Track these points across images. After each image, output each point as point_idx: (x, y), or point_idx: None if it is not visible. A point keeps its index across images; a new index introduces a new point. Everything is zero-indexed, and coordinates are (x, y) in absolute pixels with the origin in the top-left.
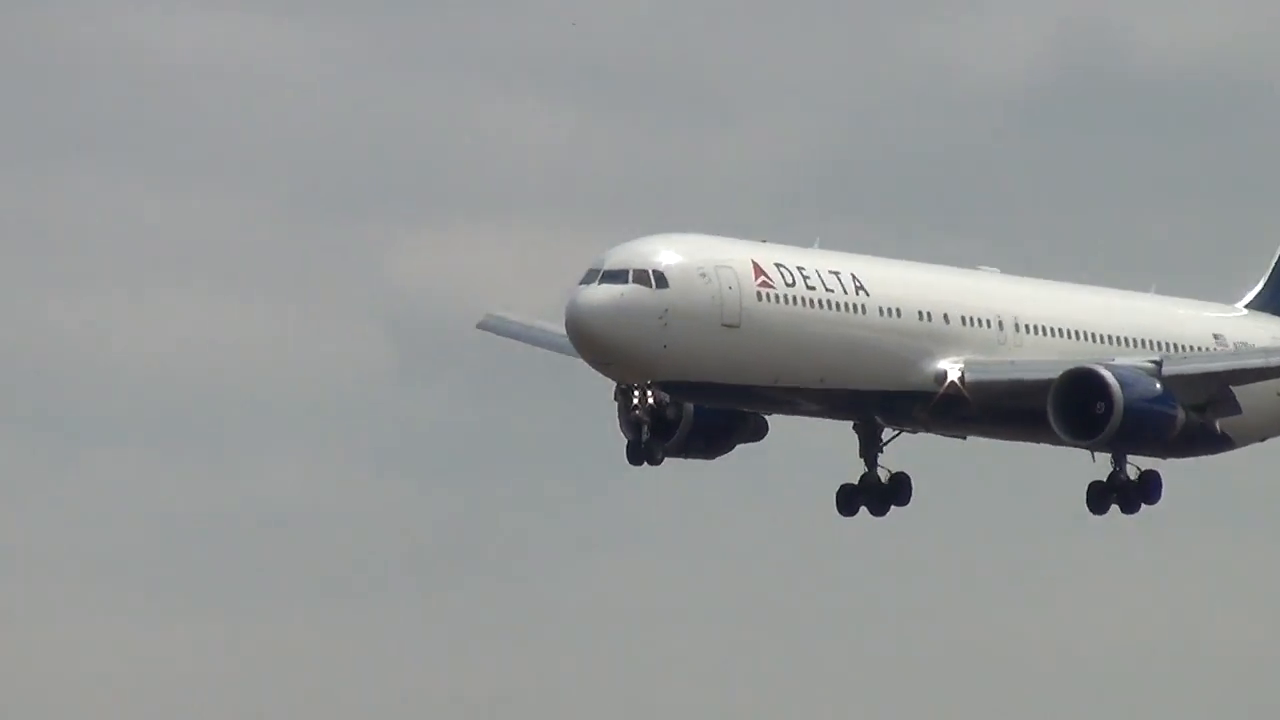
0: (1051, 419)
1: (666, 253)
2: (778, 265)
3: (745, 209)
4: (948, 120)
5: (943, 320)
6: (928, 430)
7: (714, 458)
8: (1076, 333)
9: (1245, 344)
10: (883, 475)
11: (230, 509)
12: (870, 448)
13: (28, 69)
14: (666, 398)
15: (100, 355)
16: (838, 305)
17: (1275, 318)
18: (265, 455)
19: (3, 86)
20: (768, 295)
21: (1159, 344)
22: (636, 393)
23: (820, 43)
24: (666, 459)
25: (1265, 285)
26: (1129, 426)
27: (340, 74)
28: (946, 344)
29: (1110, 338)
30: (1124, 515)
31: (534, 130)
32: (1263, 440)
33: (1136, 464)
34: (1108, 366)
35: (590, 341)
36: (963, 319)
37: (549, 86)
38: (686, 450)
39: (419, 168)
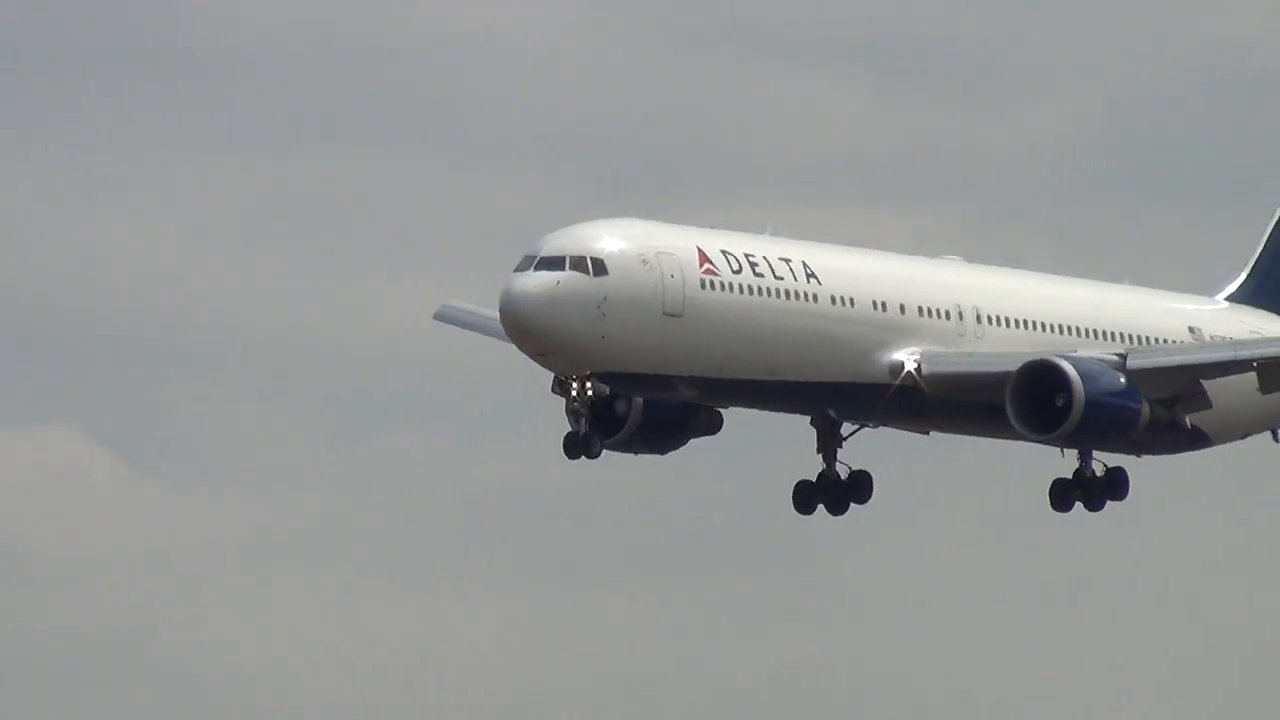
0: (1009, 413)
1: (606, 238)
2: (724, 252)
3: (1027, 187)
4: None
5: (898, 310)
6: (886, 425)
7: (665, 452)
8: (1041, 324)
9: (1222, 337)
10: (843, 472)
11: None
12: (829, 443)
13: (320, 51)
14: (606, 389)
15: (389, 336)
16: (787, 294)
17: (1256, 310)
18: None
19: (301, 70)
20: (713, 283)
21: (1129, 336)
22: (575, 384)
23: (1099, 22)
24: (622, 453)
25: (1247, 277)
26: (1090, 421)
27: (631, 52)
28: (903, 335)
29: (1077, 329)
30: (1089, 513)
31: (824, 108)
32: (1243, 438)
33: (1103, 460)
34: (1068, 358)
35: (525, 331)
36: (920, 309)
37: (839, 64)
38: (636, 444)
39: (709, 147)
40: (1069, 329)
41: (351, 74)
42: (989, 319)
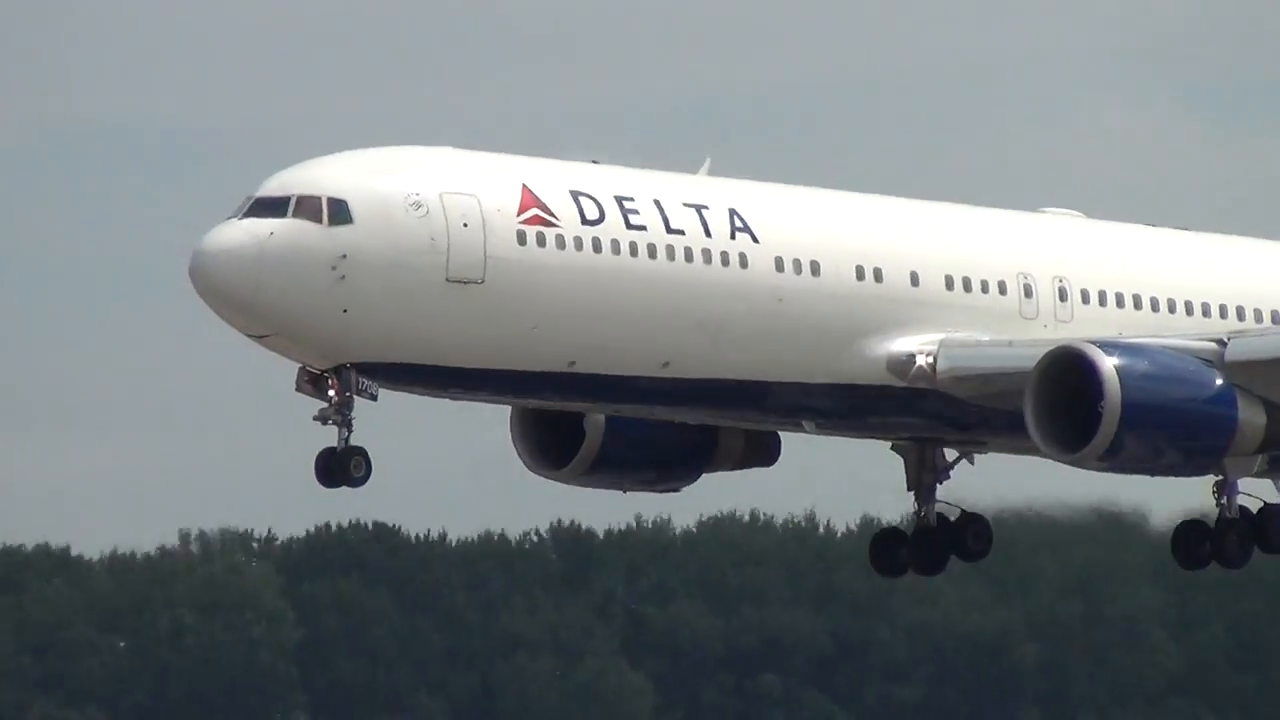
0: (1029, 424)
1: (357, 171)
2: (576, 194)
3: None
4: None
5: (908, 281)
6: (951, 445)
7: (677, 488)
8: (1158, 301)
9: None
10: (950, 515)
11: None
12: (923, 475)
13: None
14: (374, 387)
15: None
16: (689, 254)
17: None
18: None
19: None
20: (541, 237)
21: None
22: (329, 380)
23: None
24: (601, 490)
25: None
26: (1135, 436)
27: None
28: (916, 313)
29: (1220, 309)
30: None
31: None
32: None
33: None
34: (1111, 345)
35: (221, 302)
36: (949, 280)
37: None
38: (609, 476)
39: None
40: (1201, 308)
41: None
42: (1081, 295)
